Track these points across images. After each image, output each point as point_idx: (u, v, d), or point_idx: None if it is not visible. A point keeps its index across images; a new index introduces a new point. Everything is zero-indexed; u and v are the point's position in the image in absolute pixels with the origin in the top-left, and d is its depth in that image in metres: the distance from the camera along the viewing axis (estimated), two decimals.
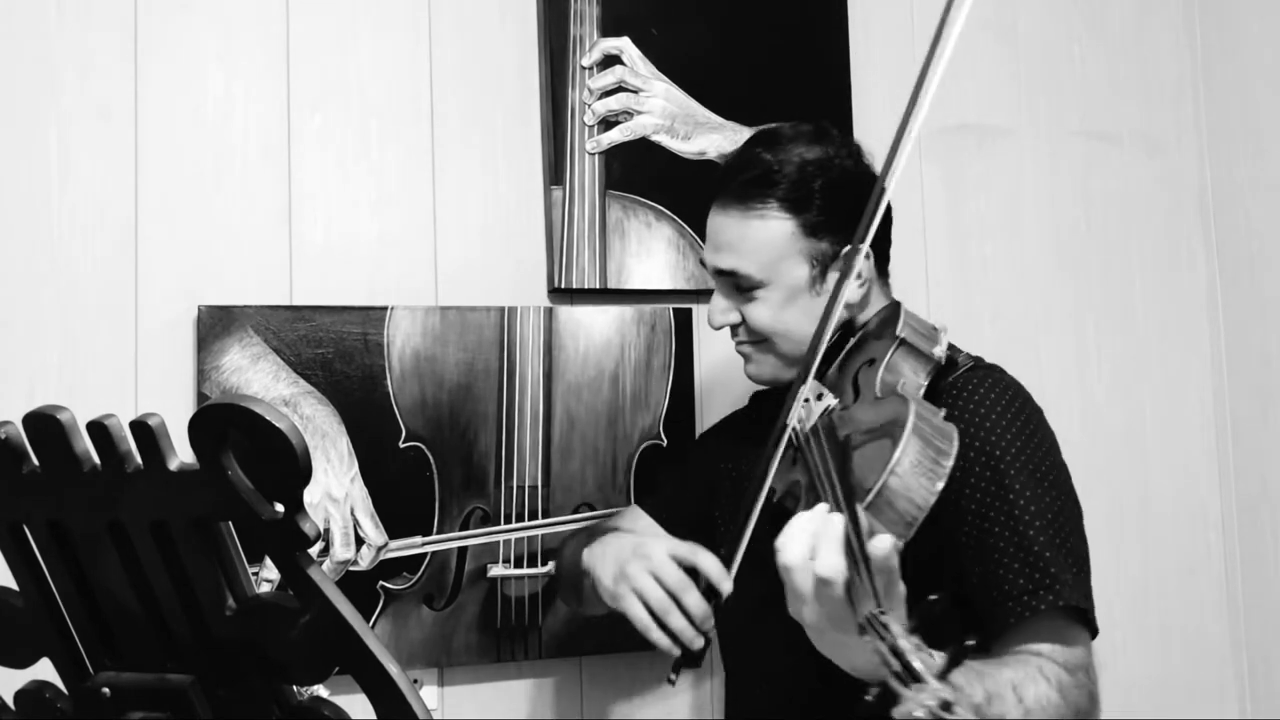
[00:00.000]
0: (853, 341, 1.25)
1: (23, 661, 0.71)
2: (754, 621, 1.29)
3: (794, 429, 1.10)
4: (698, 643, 1.13)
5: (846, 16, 1.80)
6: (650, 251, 1.67)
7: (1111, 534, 1.87)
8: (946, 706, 0.80)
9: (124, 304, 1.50)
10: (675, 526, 1.45)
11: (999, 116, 1.91)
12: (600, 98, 1.66)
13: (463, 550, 1.56)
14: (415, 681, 1.54)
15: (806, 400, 1.15)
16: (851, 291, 1.23)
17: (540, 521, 1.59)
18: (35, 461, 0.66)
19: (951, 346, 1.22)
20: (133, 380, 1.49)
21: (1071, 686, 1.05)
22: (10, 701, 0.71)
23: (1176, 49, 2.02)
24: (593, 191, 1.65)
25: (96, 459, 0.65)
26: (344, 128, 1.60)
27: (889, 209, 1.24)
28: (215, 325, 1.49)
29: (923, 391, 1.14)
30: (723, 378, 1.70)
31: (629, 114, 1.67)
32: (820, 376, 1.18)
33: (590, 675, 1.63)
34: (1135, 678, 1.86)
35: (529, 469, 1.59)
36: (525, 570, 1.58)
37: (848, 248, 1.21)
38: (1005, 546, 1.10)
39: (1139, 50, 2.00)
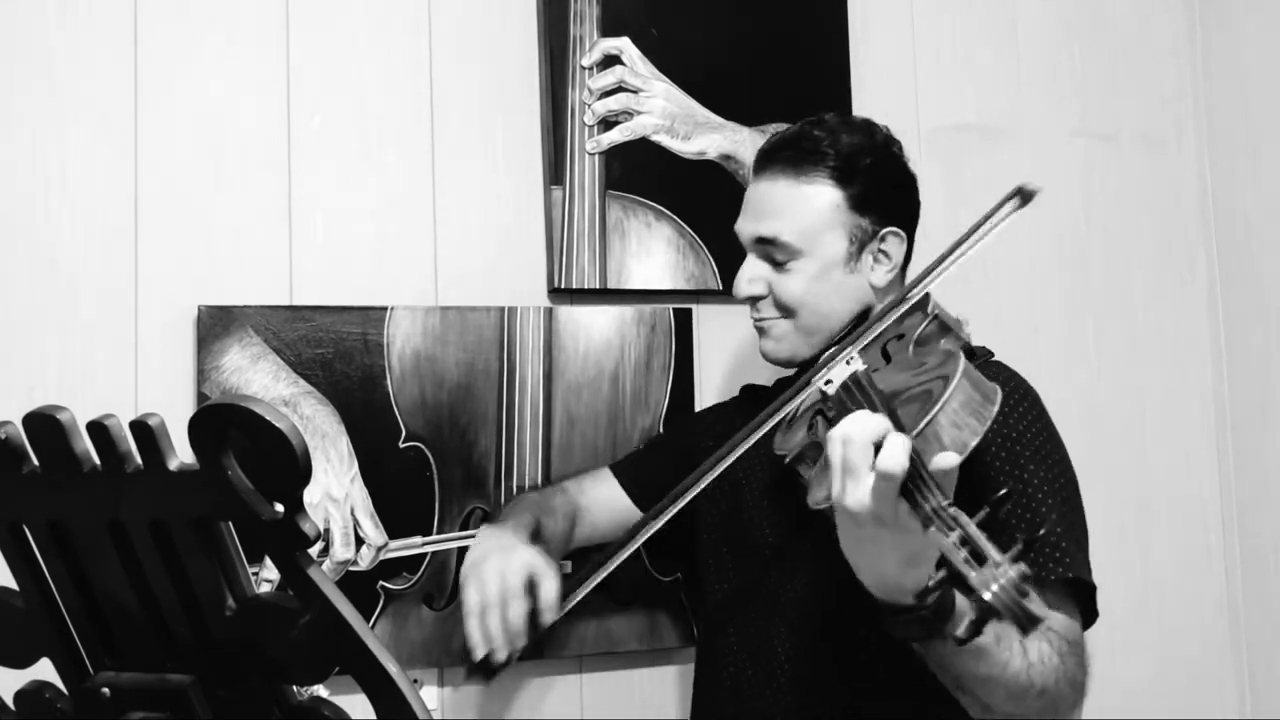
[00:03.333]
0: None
1: (23, 661, 0.70)
2: (736, 613, 1.31)
3: (821, 390, 1.11)
4: (500, 654, 1.16)
5: (846, 16, 1.80)
6: (650, 251, 1.67)
7: (1111, 534, 1.87)
8: (1026, 579, 0.82)
9: (124, 304, 1.50)
10: (640, 490, 1.47)
11: (999, 116, 1.91)
12: (600, 98, 1.66)
13: (463, 550, 1.56)
14: (415, 681, 1.54)
15: (834, 364, 1.14)
16: (879, 276, 1.28)
17: None
18: (35, 461, 0.66)
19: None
20: (133, 380, 1.49)
21: (1069, 655, 1.09)
22: (10, 701, 0.71)
23: (1176, 49, 2.02)
24: (593, 191, 1.65)
25: (96, 459, 0.65)
26: (344, 128, 1.59)
27: (919, 210, 1.32)
28: (215, 325, 1.49)
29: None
30: (723, 378, 1.70)
31: (629, 114, 1.67)
32: (842, 348, 1.17)
33: (590, 675, 1.63)
34: (1135, 678, 1.86)
35: (529, 469, 1.59)
36: None
37: (885, 229, 1.27)
38: (1017, 523, 1.14)
39: (1139, 50, 2.00)
